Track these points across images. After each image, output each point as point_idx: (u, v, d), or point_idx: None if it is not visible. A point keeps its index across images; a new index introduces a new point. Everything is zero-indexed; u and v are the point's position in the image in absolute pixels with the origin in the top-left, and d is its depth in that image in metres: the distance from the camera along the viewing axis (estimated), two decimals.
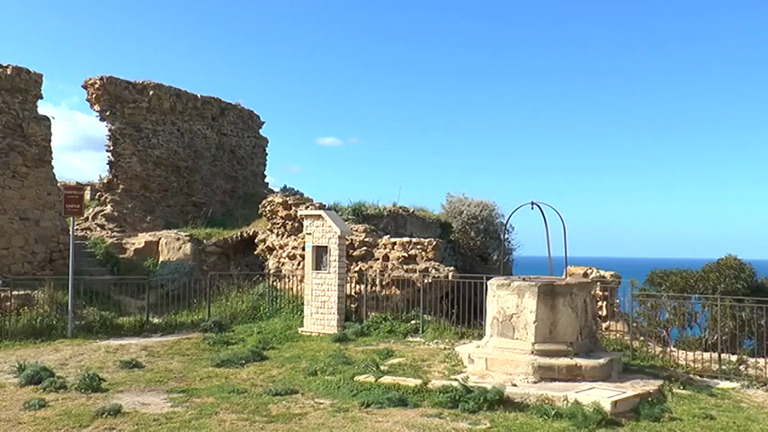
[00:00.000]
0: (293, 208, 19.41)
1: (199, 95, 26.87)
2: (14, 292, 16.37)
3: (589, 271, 15.64)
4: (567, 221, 12.47)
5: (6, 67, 18.78)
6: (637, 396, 9.59)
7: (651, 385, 10.31)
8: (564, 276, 13.50)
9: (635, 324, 13.83)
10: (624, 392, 9.61)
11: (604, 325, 14.95)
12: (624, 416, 8.98)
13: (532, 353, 10.86)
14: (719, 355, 11.82)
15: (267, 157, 30.43)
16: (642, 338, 13.85)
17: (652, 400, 9.63)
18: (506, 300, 11.38)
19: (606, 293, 15.23)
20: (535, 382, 10.32)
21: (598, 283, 14.77)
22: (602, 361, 10.75)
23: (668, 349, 13.20)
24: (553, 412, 8.86)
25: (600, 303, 15.15)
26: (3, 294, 16.41)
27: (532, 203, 12.50)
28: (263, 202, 21.01)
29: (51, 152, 19.59)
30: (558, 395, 9.46)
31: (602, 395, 9.34)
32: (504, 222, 21.13)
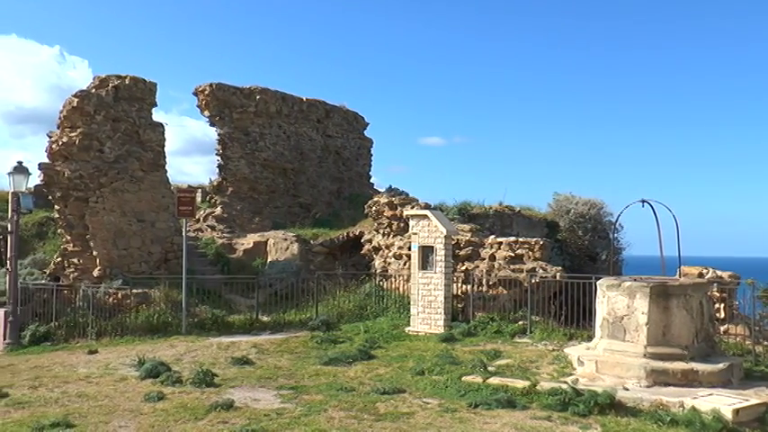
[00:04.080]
0: (399, 208, 19.50)
1: (304, 99, 27.39)
2: (133, 291, 17.20)
3: (704, 271, 15.00)
4: (681, 219, 12.02)
5: (125, 77, 19.71)
6: (762, 404, 9.07)
7: None
8: (677, 277, 13.02)
9: (757, 328, 13.16)
10: (747, 400, 9.11)
11: (722, 328, 14.30)
12: (748, 425, 8.53)
13: (645, 356, 10.52)
14: None
15: (372, 158, 30.72)
16: (766, 343, 13.15)
17: None
18: (616, 301, 11.08)
19: (724, 295, 14.55)
20: (648, 387, 10.00)
21: (715, 284, 14.14)
22: (720, 366, 10.30)
23: None
24: (668, 418, 8.53)
25: (717, 305, 14.50)
26: (123, 293, 17.28)
27: (643, 201, 12.14)
28: (369, 202, 21.21)
29: (165, 157, 20.47)
30: (674, 401, 9.12)
31: (722, 402, 8.93)
32: (614, 221, 20.58)
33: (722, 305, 14.56)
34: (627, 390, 9.76)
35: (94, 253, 18.63)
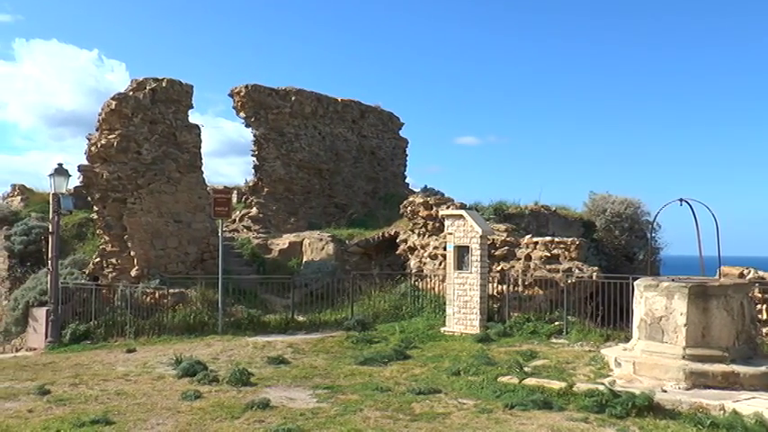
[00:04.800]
0: (434, 208, 19.47)
1: (339, 99, 27.48)
2: (170, 290, 17.40)
3: (746, 271, 14.72)
4: (720, 217, 11.81)
5: (162, 80, 19.94)
6: None
7: None
8: (717, 277, 12.81)
9: None
10: None
11: (765, 330, 14.04)
12: None
13: (683, 358, 10.35)
14: None
15: (407, 158, 30.71)
16: None
17: None
18: (654, 301, 10.93)
19: (767, 296, 14.30)
20: (687, 389, 9.84)
21: (757, 285, 13.88)
22: (763, 369, 10.07)
23: None
24: (708, 422, 8.34)
25: (759, 306, 14.22)
26: (160, 292, 17.49)
27: (681, 200, 11.96)
28: (404, 202, 21.20)
29: (201, 158, 20.65)
30: (714, 403, 8.95)
31: (765, 406, 8.70)
32: (651, 220, 20.32)
33: (764, 306, 14.28)
34: (665, 392, 9.62)
35: (132, 253, 18.87)
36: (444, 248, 17.68)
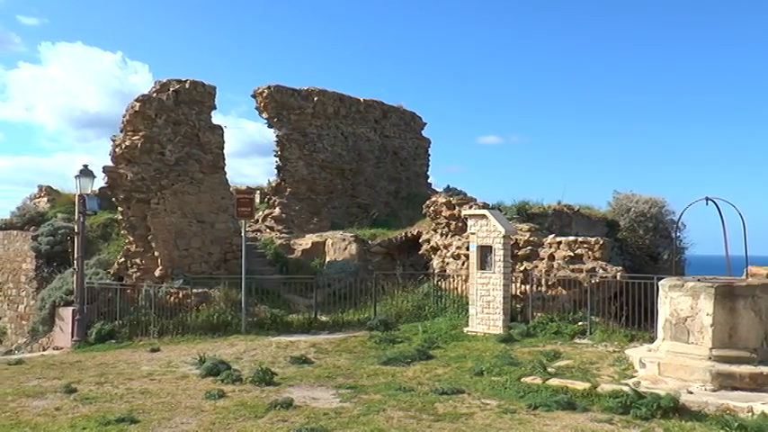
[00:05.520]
0: (457, 208, 19.42)
1: (361, 99, 27.51)
2: (194, 290, 17.51)
3: None
4: (747, 217, 11.69)
5: (185, 81, 20.07)
6: None
7: None
8: (744, 277, 12.66)
9: None
10: None
11: None
12: None
13: (709, 359, 10.24)
14: None
15: (429, 158, 30.67)
16: None
17: None
18: (679, 301, 10.82)
19: None
20: (713, 390, 9.73)
21: None
22: None
23: None
24: (736, 424, 8.20)
25: None
26: (184, 292, 17.60)
27: (707, 199, 11.83)
28: (427, 202, 21.17)
29: (224, 159, 20.75)
30: (742, 405, 8.84)
31: None
32: (676, 220, 20.15)
33: None
34: (691, 393, 9.52)
35: (156, 253, 19.01)
36: (467, 248, 17.63)
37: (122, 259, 19.45)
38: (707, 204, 11.84)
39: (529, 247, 17.42)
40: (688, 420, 8.62)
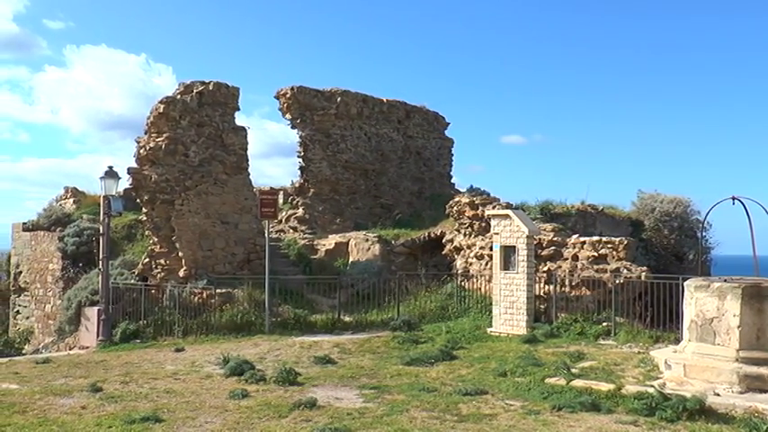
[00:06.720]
0: (480, 208, 19.37)
1: (384, 100, 27.47)
2: (218, 291, 17.61)
3: None
4: None
5: (208, 83, 20.18)
6: None
7: None
8: None
9: None
10: None
11: None
12: None
13: (737, 360, 10.10)
14: None
15: (453, 158, 30.55)
16: None
17: None
18: (705, 302, 10.69)
19: None
20: (741, 393, 9.60)
21: None
22: None
23: None
24: (764, 427, 8.05)
25: None
26: (208, 292, 17.70)
27: (733, 198, 11.72)
28: (450, 202, 21.13)
29: (248, 160, 20.81)
30: None
31: None
32: (702, 219, 19.93)
33: None
34: (718, 395, 9.41)
35: (180, 254, 19.13)
36: (490, 248, 17.58)
37: (147, 260, 19.59)
38: (733, 203, 11.74)
39: (552, 248, 17.34)
40: (714, 423, 8.51)
